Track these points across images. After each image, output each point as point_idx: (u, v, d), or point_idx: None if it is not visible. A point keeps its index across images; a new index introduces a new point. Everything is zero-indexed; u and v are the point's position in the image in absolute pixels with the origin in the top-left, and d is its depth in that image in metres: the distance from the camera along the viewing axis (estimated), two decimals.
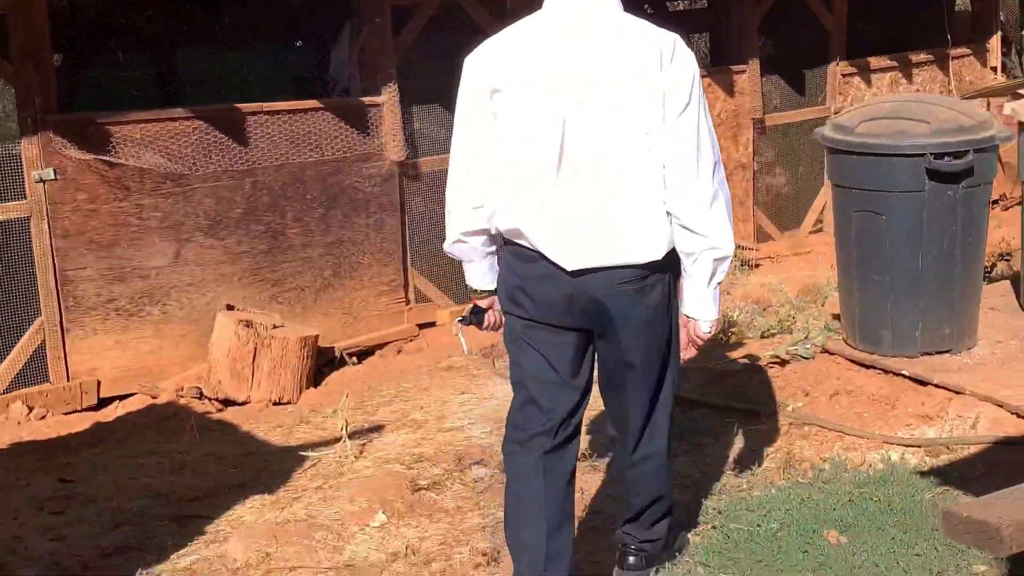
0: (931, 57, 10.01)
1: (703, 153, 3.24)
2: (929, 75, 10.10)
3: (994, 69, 10.66)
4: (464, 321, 3.58)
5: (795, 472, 4.49)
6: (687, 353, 3.48)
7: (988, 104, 10.52)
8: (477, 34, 7.67)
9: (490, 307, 3.54)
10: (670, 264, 3.37)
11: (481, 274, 3.49)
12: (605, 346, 3.44)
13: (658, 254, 3.30)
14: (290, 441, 5.28)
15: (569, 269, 3.28)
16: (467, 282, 3.54)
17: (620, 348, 3.41)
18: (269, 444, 5.25)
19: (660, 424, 3.58)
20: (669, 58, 3.21)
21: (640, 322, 3.36)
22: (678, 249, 3.32)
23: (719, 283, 3.35)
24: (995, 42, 10.61)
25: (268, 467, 4.91)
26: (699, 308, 3.37)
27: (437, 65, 7.62)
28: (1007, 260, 7.32)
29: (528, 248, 3.33)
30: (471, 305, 3.57)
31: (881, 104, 5.30)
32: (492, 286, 3.50)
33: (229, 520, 4.38)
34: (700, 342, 3.43)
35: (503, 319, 3.52)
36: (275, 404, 5.94)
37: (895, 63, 9.76)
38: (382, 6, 6.81)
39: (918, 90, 10.02)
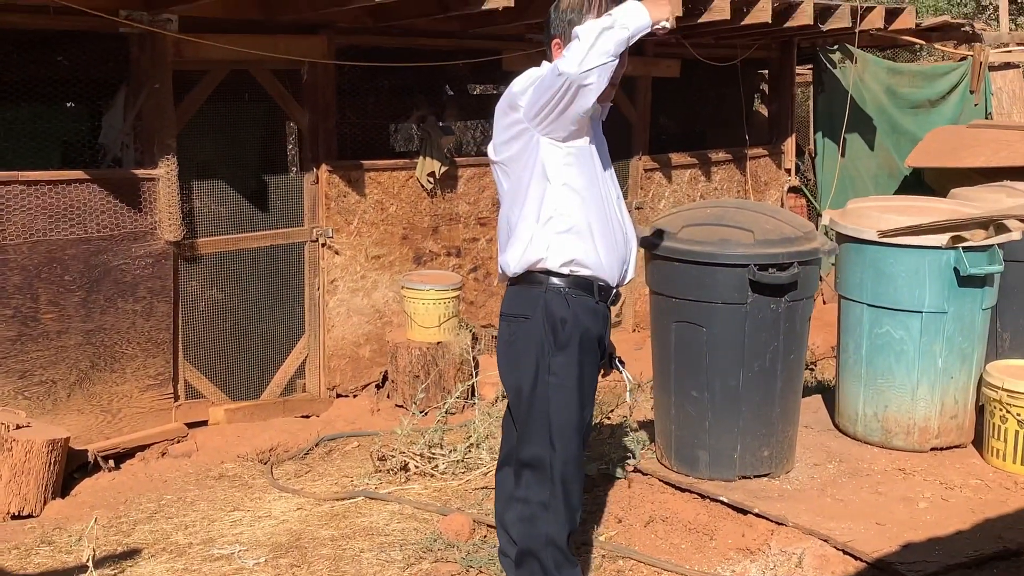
0: (729, 156, 10.08)
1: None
2: (727, 174, 10.13)
3: (788, 171, 10.81)
4: (622, 362, 3.87)
5: None
6: None
7: (782, 202, 10.69)
8: (269, 105, 7.12)
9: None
10: (531, 304, 3.54)
11: None
12: None
13: (514, 268, 3.57)
14: (27, 568, 4.49)
15: None
16: None
17: None
18: (1, 572, 4.46)
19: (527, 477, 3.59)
20: None
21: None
22: None
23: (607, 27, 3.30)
24: (790, 144, 10.77)
25: None
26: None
27: (222, 137, 7.00)
28: (811, 370, 7.13)
29: None
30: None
31: (704, 208, 4.95)
32: None
33: None
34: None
35: None
36: (14, 517, 5.14)
37: (695, 160, 9.73)
38: (163, 69, 6.13)
39: (716, 188, 10.00)
